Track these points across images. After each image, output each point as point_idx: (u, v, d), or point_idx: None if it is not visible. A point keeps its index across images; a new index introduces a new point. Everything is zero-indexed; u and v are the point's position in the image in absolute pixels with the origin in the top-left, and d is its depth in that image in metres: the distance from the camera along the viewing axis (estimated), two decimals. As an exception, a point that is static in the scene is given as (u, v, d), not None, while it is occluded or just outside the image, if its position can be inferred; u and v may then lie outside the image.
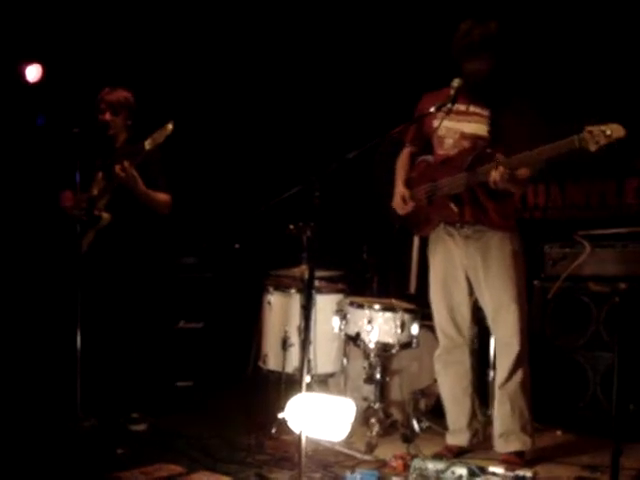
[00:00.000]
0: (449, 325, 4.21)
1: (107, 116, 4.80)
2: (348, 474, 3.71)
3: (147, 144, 4.50)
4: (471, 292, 4.15)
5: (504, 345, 4.06)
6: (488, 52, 3.90)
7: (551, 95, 5.34)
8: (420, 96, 4.28)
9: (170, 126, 4.47)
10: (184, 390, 5.68)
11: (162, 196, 4.75)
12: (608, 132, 3.48)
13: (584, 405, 4.84)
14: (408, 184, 4.30)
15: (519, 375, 4.01)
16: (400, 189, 4.29)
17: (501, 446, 4.07)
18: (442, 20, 3.97)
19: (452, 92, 3.88)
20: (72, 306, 4.42)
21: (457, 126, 4.05)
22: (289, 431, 4.31)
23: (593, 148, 3.52)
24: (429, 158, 4.30)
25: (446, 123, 4.01)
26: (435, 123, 4.08)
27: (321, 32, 6.47)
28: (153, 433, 4.57)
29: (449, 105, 3.87)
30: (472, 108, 4.03)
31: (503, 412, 4.06)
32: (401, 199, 4.24)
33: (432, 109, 3.91)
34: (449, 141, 4.09)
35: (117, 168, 4.53)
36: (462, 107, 4.01)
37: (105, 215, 4.70)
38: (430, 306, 4.32)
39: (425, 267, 4.48)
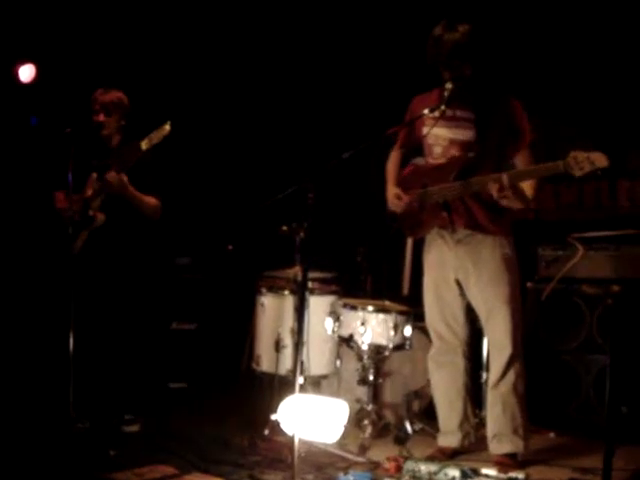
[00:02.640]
0: (441, 326, 4.21)
1: (101, 117, 4.79)
2: (341, 476, 3.71)
3: (144, 144, 4.45)
4: (462, 294, 4.15)
5: (496, 347, 4.07)
6: (460, 58, 3.88)
7: (542, 97, 5.36)
8: (414, 97, 4.28)
9: (167, 127, 4.43)
10: (177, 391, 5.67)
11: (152, 200, 4.72)
12: (592, 159, 3.51)
13: (577, 407, 4.85)
14: (398, 185, 4.30)
15: (511, 377, 4.01)
16: (392, 188, 4.28)
17: (494, 448, 4.07)
18: (438, 21, 3.95)
19: (446, 94, 3.88)
20: (65, 308, 4.41)
21: (445, 133, 4.04)
22: (282, 432, 4.31)
23: (578, 174, 3.56)
24: (419, 161, 4.30)
25: (435, 130, 4.02)
26: (424, 130, 4.08)
27: (316, 33, 6.47)
28: (146, 434, 4.56)
29: (443, 107, 3.87)
30: (459, 113, 4.02)
31: (495, 414, 4.06)
32: (395, 197, 4.23)
33: (425, 111, 3.91)
34: (438, 149, 4.08)
35: (107, 177, 4.51)
36: (449, 112, 3.98)
37: (100, 216, 4.68)
38: (422, 308, 4.33)
39: (418, 269, 4.48)
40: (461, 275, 4.11)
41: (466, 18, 3.92)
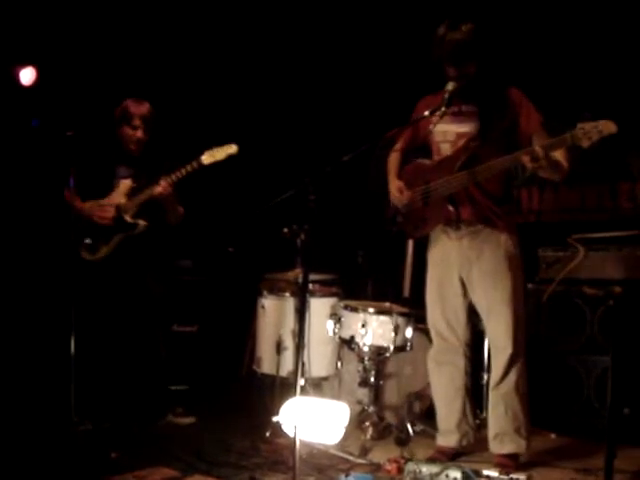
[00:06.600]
0: (442, 325, 4.21)
1: (139, 133, 4.85)
2: (342, 477, 3.71)
3: (204, 159, 4.66)
4: (465, 294, 4.14)
5: (497, 347, 4.07)
6: (464, 57, 3.89)
7: (544, 93, 5.36)
8: (415, 98, 4.29)
9: (234, 147, 4.62)
10: (178, 393, 5.66)
11: (181, 209, 4.94)
12: (600, 128, 3.51)
13: (578, 408, 4.85)
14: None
15: (512, 377, 4.01)
16: (394, 182, 4.28)
17: (495, 448, 4.07)
18: (439, 22, 3.96)
19: (446, 95, 3.90)
20: (67, 310, 4.42)
21: (452, 128, 4.05)
22: (283, 434, 4.31)
23: (585, 144, 3.55)
24: (422, 160, 4.30)
25: (442, 126, 4.03)
26: (431, 127, 4.09)
27: (316, 36, 6.47)
28: (147, 436, 4.56)
29: (443, 108, 3.88)
30: (464, 108, 4.04)
31: (496, 413, 4.06)
32: (397, 190, 4.23)
33: (426, 112, 3.92)
34: (446, 146, 4.09)
35: (160, 188, 4.67)
36: (455, 108, 4.01)
37: (142, 222, 4.80)
38: (425, 308, 4.32)
39: (419, 270, 4.48)
40: (464, 272, 4.11)
41: (469, 17, 3.93)
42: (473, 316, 4.22)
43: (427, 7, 5.67)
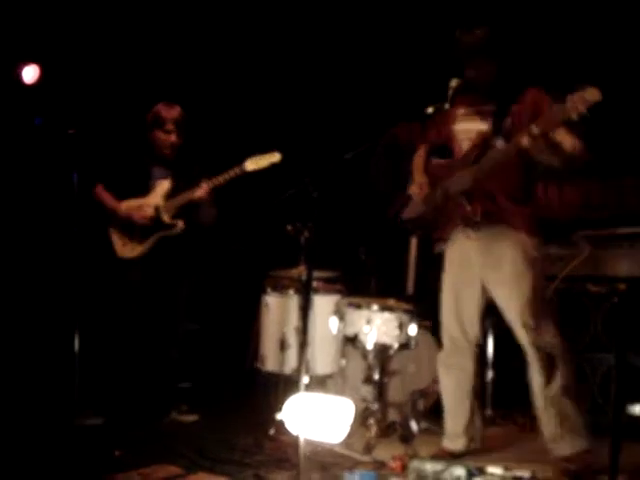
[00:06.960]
0: (455, 327, 4.17)
1: (173, 137, 4.91)
2: (347, 475, 3.70)
3: (248, 166, 4.78)
4: (483, 295, 4.11)
5: (525, 351, 4.00)
6: (479, 58, 3.93)
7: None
8: (417, 97, 4.28)
9: (278, 155, 4.78)
10: (182, 391, 5.66)
11: (215, 211, 5.02)
12: (586, 97, 3.50)
13: (584, 406, 4.83)
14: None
15: (558, 381, 3.94)
16: (419, 177, 4.27)
17: (554, 451, 4.01)
18: (442, 21, 3.98)
19: (450, 92, 3.89)
20: (72, 306, 4.43)
21: (474, 126, 4.06)
22: (288, 432, 4.31)
23: (574, 115, 3.54)
24: (439, 160, 4.31)
25: (465, 125, 4.08)
26: (454, 126, 4.13)
27: (319, 34, 6.46)
28: (151, 434, 4.56)
29: (447, 105, 3.88)
30: (486, 107, 4.06)
31: (547, 417, 3.99)
32: (418, 186, 4.23)
33: (429, 110, 3.90)
34: (467, 144, 4.09)
35: (201, 191, 4.81)
36: (478, 107, 4.06)
37: (180, 223, 4.90)
38: (427, 306, 4.31)
39: (422, 268, 4.46)
40: (485, 273, 4.07)
41: (485, 19, 3.96)
42: (486, 316, 4.21)
43: (427, 6, 5.68)
